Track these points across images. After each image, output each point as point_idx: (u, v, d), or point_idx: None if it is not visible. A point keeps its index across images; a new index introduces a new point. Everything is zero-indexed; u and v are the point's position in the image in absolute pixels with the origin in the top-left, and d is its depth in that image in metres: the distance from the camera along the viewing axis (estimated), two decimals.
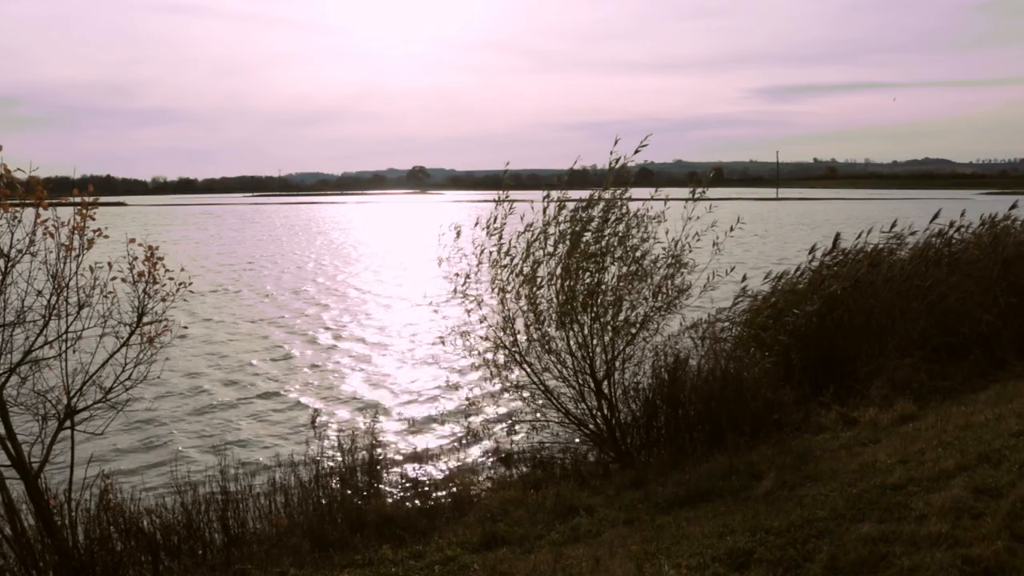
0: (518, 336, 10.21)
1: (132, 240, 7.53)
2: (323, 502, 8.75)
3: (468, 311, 10.28)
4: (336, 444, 9.71)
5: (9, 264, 6.93)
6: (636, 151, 10.26)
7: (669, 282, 10.24)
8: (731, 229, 10.33)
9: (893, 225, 16.25)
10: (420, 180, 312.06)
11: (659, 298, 10.26)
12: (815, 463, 8.37)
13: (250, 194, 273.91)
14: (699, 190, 10.20)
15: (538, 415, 10.65)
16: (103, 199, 7.86)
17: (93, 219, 7.28)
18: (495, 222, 10.15)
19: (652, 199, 10.40)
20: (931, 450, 7.93)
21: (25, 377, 7.28)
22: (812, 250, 14.91)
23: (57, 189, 7.26)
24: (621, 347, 10.22)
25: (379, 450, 10.00)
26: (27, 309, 7.16)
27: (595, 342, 10.11)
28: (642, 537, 6.88)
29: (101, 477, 8.35)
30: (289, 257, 54.67)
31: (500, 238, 10.14)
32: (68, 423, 7.52)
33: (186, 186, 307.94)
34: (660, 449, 10.19)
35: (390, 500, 9.31)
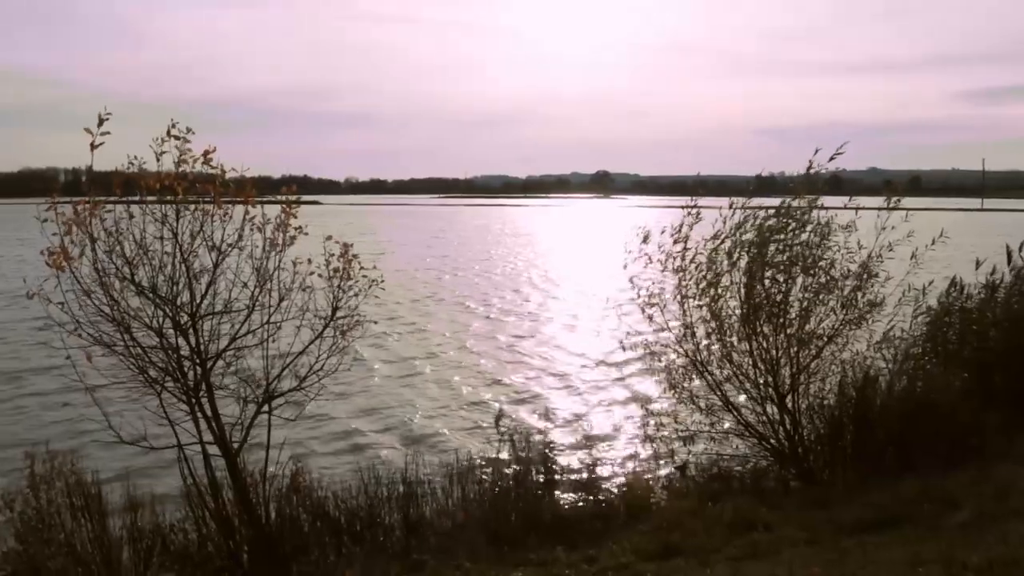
0: (699, 345, 10.03)
1: (329, 237, 7.92)
2: (499, 499, 8.88)
3: (651, 317, 10.17)
4: (513, 443, 9.85)
5: (220, 257, 7.44)
6: (831, 159, 9.84)
7: (859, 294, 9.77)
8: (932, 242, 9.74)
9: None
10: (604, 185, 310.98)
11: (848, 311, 9.81)
12: (1021, 496, 7.73)
13: (438, 195, 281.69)
14: (894, 199, 9.69)
15: (716, 426, 10.40)
16: (302, 198, 8.30)
17: (295, 216, 7.71)
18: (681, 229, 10.00)
19: (845, 208, 9.97)
20: None
21: (229, 363, 7.79)
22: (989, 268, 13.53)
23: (259, 188, 7.72)
24: (806, 361, 9.85)
25: (555, 451, 10.06)
26: (233, 300, 7.66)
27: (779, 354, 9.79)
28: (825, 560, 6.57)
29: (293, 460, 8.80)
30: (505, 261, 56.68)
31: (686, 246, 9.98)
32: (266, 408, 7.98)
33: (377, 187, 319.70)
34: (845, 469, 9.73)
35: (564, 501, 9.35)
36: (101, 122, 6.85)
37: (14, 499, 7.74)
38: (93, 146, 6.87)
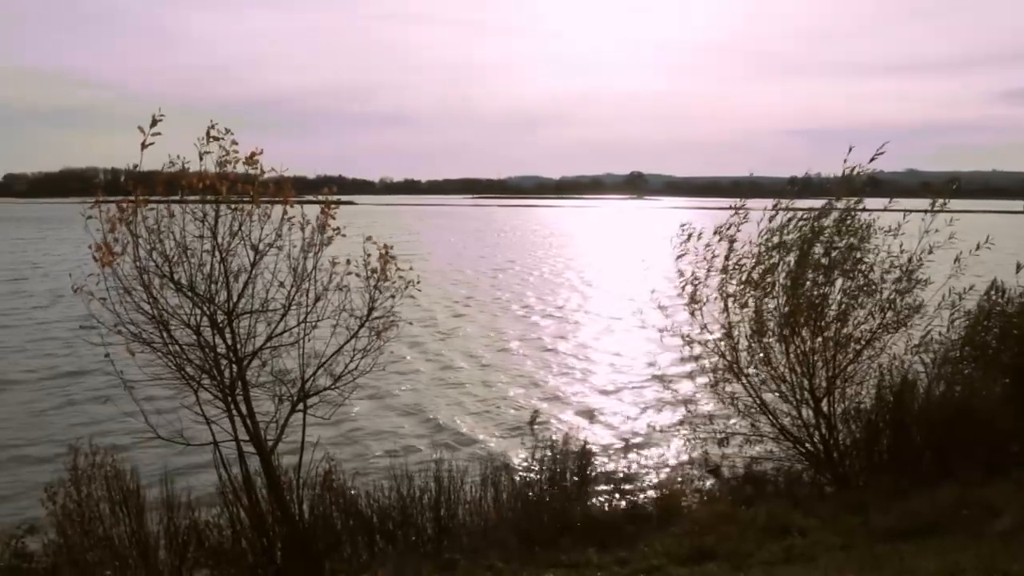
0: (738, 346, 9.96)
1: (369, 238, 7.94)
2: (531, 500, 8.88)
3: (692, 313, 10.10)
4: (548, 444, 9.86)
5: (258, 256, 7.50)
6: (871, 159, 9.73)
7: (899, 298, 9.65)
8: (977, 247, 9.58)
9: None
10: (637, 186, 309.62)
11: (887, 315, 9.69)
12: None
13: (471, 196, 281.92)
14: (939, 202, 9.56)
15: (751, 429, 10.32)
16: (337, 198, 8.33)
17: (333, 218, 7.75)
18: (729, 229, 9.95)
19: (886, 209, 9.85)
20: None
21: (265, 362, 7.84)
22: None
23: (295, 188, 7.76)
24: (843, 364, 9.75)
25: (589, 452, 10.03)
26: (270, 299, 7.71)
27: (816, 358, 9.69)
28: (860, 566, 6.50)
29: (326, 459, 8.84)
30: (554, 262, 56.85)
31: (731, 247, 9.92)
32: (300, 406, 8.03)
33: (411, 187, 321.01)
34: (881, 474, 9.61)
35: (597, 503, 9.33)
36: (154, 122, 6.92)
37: (56, 492, 7.87)
38: (144, 146, 6.94)
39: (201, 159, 7.06)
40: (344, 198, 8.96)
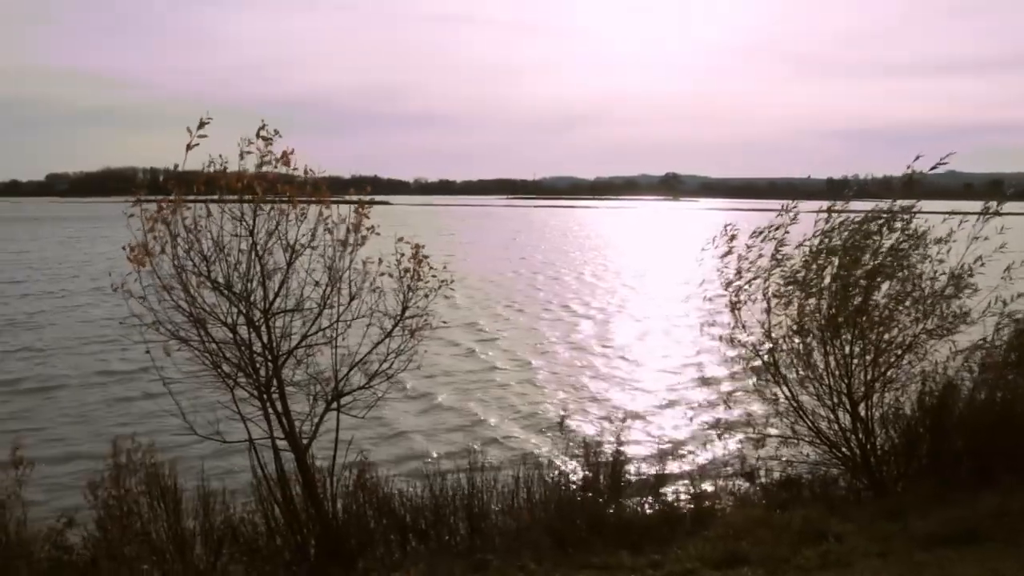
0: (777, 347, 9.85)
1: (401, 239, 7.98)
2: (564, 501, 8.85)
3: (735, 312, 10.00)
4: (582, 445, 9.83)
5: (293, 256, 7.56)
6: (933, 168, 9.58)
7: (944, 304, 9.50)
8: None
9: None
10: (672, 187, 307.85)
11: (932, 320, 9.54)
12: None
13: (505, 196, 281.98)
14: (991, 206, 9.41)
15: (787, 432, 10.21)
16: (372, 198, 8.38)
17: (367, 217, 7.80)
18: (776, 230, 9.87)
19: (951, 214, 9.69)
20: None
21: (300, 360, 7.91)
22: None
23: (330, 189, 7.82)
24: (883, 368, 9.61)
25: (623, 453, 9.98)
26: (305, 298, 7.77)
27: (855, 361, 9.56)
28: (898, 572, 6.42)
29: (360, 458, 8.89)
30: (596, 263, 57.39)
31: (777, 247, 9.83)
32: (335, 405, 8.08)
33: (445, 187, 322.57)
34: (920, 480, 9.47)
35: (630, 505, 9.27)
36: (202, 125, 6.99)
37: (96, 487, 7.99)
38: (189, 147, 7.01)
39: (242, 157, 7.13)
40: (379, 198, 9.00)
